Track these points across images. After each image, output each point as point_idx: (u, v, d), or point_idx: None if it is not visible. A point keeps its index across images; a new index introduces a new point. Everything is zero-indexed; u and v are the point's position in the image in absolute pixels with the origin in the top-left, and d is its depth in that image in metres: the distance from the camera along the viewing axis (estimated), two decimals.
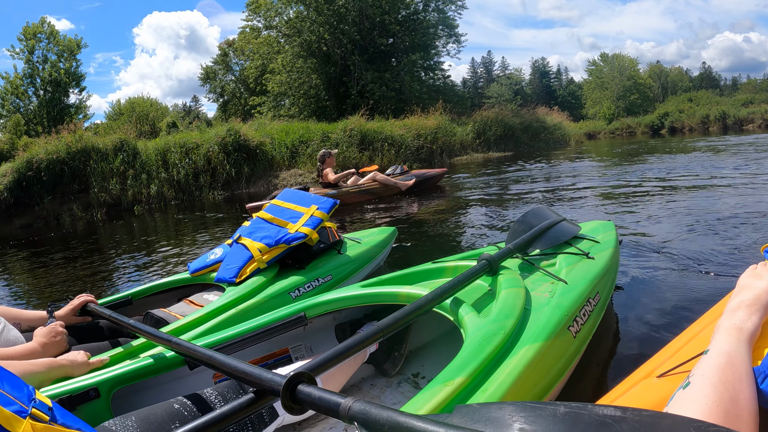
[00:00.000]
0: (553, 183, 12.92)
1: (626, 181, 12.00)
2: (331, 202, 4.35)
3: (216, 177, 20.09)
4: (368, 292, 2.94)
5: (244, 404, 1.58)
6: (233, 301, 3.47)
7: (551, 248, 3.33)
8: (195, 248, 8.82)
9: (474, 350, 2.02)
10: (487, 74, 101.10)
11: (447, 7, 38.32)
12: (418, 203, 11.23)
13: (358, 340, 1.93)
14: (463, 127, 28.31)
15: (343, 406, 1.26)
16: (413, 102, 32.47)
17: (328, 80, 35.87)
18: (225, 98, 56.04)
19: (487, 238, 6.98)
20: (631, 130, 63.69)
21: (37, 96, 41.79)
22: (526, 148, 31.30)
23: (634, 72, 79.40)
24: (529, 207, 8.49)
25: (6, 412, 1.15)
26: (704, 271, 4.62)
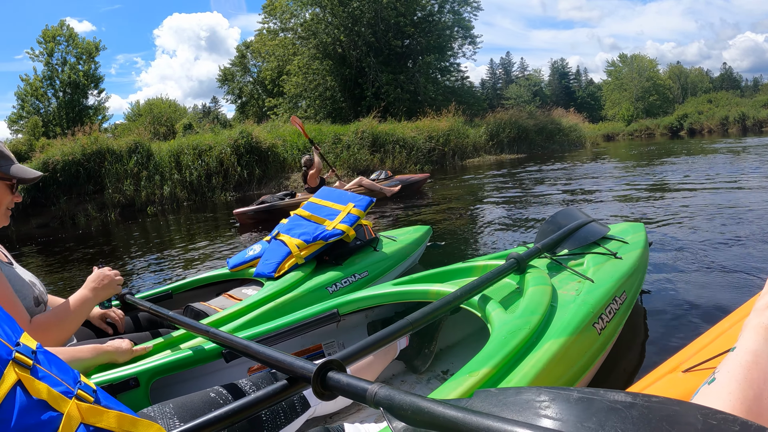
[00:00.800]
0: (575, 185, 12.91)
1: (648, 182, 12.02)
2: (367, 200, 4.41)
3: (228, 178, 20.33)
4: (400, 290, 3.00)
5: (278, 389, 1.64)
6: (272, 294, 3.54)
7: (579, 248, 3.38)
8: (211, 247, 8.99)
9: (499, 343, 2.08)
10: (506, 75, 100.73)
11: (462, 9, 38.39)
12: (447, 203, 11.29)
13: (388, 333, 1.97)
14: (476, 129, 28.36)
15: (370, 392, 1.31)
16: (428, 104, 32.64)
17: (344, 82, 36.05)
18: (243, 99, 56.40)
19: (516, 238, 7.06)
20: (649, 132, 63.33)
21: (57, 98, 42.32)
22: (540, 149, 31.26)
23: (653, 73, 78.93)
24: (554, 208, 8.49)
25: (54, 392, 1.21)
26: (732, 271, 4.65)
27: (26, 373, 1.20)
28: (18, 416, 1.12)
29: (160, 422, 1.80)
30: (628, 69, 79.81)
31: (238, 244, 9.07)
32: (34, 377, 1.21)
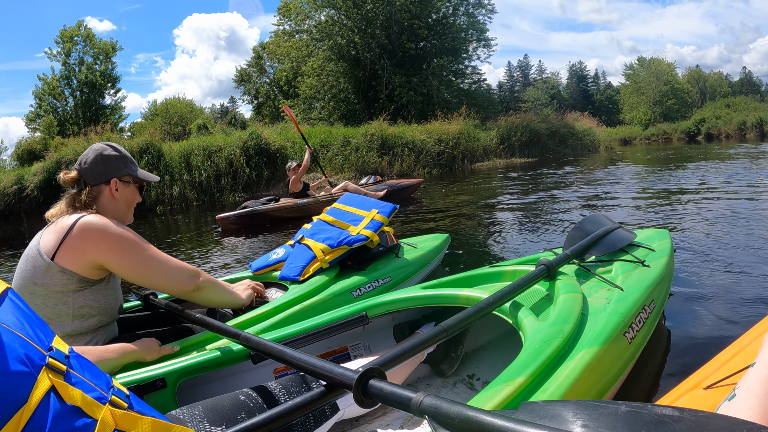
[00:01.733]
0: (592, 190, 12.75)
1: (667, 187, 11.96)
2: (391, 206, 4.44)
3: (237, 179, 20.49)
4: (429, 294, 2.99)
5: (316, 396, 1.65)
6: (297, 298, 3.55)
7: (607, 255, 3.38)
8: (216, 250, 9.06)
9: (534, 352, 2.07)
10: (524, 78, 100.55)
11: (477, 11, 38.44)
12: (463, 208, 11.28)
13: (424, 339, 1.98)
14: (487, 133, 28.30)
15: (415, 400, 1.31)
16: (441, 106, 32.62)
17: (357, 84, 36.17)
18: (259, 100, 56.68)
19: (535, 243, 7.05)
20: (667, 137, 62.90)
21: (74, 97, 42.77)
22: (552, 154, 31.16)
23: (671, 77, 78.31)
24: (572, 213, 8.53)
25: (88, 398, 1.23)
26: (755, 279, 4.64)
27: (60, 378, 1.21)
28: (52, 423, 1.13)
29: (190, 425, 1.82)
30: (646, 72, 79.31)
31: (223, 249, 9.12)
32: (68, 383, 1.22)
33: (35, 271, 2.37)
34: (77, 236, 2.37)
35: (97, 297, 2.50)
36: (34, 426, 1.09)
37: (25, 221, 17.17)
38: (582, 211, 9.27)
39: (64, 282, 2.37)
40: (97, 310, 2.51)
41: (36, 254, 2.39)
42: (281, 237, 9.58)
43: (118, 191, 2.67)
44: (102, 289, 2.52)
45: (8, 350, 1.13)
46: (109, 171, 2.65)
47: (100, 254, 2.41)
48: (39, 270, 2.36)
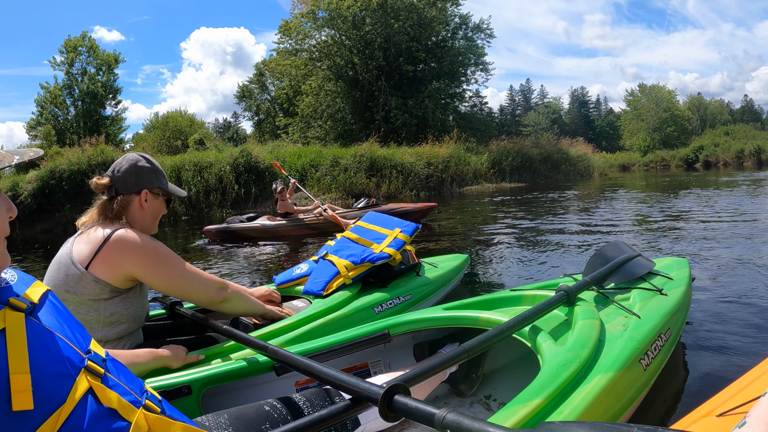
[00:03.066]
0: (590, 218, 12.81)
1: (669, 214, 12.01)
2: (413, 226, 4.53)
3: (226, 196, 20.78)
4: (451, 315, 3.03)
5: (341, 409, 1.69)
6: (321, 311, 3.61)
7: (626, 283, 3.39)
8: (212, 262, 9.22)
9: (551, 375, 2.11)
10: (526, 102, 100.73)
11: (476, 35, 38.72)
12: (472, 232, 11.36)
13: (447, 358, 2.02)
14: (478, 157, 28.38)
15: (438, 416, 1.35)
16: (437, 129, 32.83)
17: (355, 104, 36.37)
18: (260, 117, 56.95)
19: (546, 269, 7.04)
20: (665, 163, 62.94)
21: (75, 107, 43.00)
22: (544, 179, 31.15)
23: (671, 104, 78.44)
24: (570, 237, 8.70)
25: (123, 401, 1.28)
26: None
27: (98, 381, 1.26)
28: (89, 424, 1.18)
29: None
30: (647, 99, 79.48)
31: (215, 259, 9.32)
32: (105, 386, 1.28)
33: (68, 279, 2.46)
34: (113, 249, 2.48)
35: (127, 305, 2.61)
36: (71, 426, 1.15)
37: (17, 228, 17.40)
38: (585, 237, 9.32)
39: (96, 291, 2.48)
40: (126, 318, 2.63)
41: (69, 263, 2.48)
42: (259, 251, 10.11)
43: (147, 202, 2.77)
44: (132, 298, 2.64)
45: (49, 352, 1.20)
46: (142, 182, 2.74)
47: (136, 268, 2.54)
48: (72, 278, 2.45)
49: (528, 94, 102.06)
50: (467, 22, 38.46)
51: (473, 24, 38.57)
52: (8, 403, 1.07)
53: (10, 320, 1.17)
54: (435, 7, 36.38)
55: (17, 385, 1.09)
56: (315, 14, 35.77)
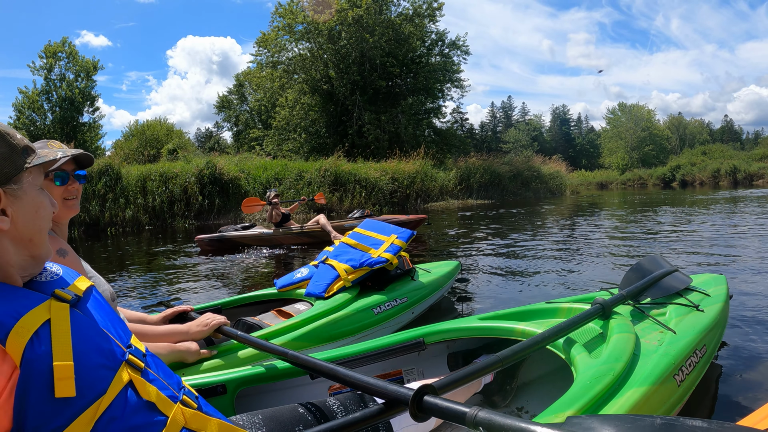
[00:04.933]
0: (557, 236, 12.63)
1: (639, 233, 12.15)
2: (409, 232, 4.72)
3: (190, 206, 20.93)
4: (486, 325, 3.04)
5: (375, 412, 1.68)
6: (323, 312, 3.82)
7: (662, 298, 3.34)
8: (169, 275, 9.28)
9: (584, 387, 2.10)
10: (507, 119, 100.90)
11: (453, 52, 38.98)
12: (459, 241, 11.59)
13: (481, 367, 2.00)
14: (446, 173, 28.50)
15: (470, 414, 1.36)
16: (410, 144, 32.92)
17: (329, 118, 36.43)
18: (239, 127, 57.02)
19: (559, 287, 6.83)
20: (642, 182, 63.44)
21: (52, 112, 42.79)
22: (512, 196, 31.16)
23: (650, 123, 79.01)
24: (534, 261, 8.68)
25: (162, 395, 1.32)
26: None
27: (137, 374, 1.30)
28: (127, 415, 1.22)
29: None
30: (626, 118, 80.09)
31: (202, 269, 9.46)
32: (145, 380, 1.32)
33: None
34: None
35: None
36: (110, 416, 1.19)
37: None
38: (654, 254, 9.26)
39: None
40: None
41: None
42: (253, 259, 10.27)
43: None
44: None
45: (92, 343, 1.24)
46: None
47: None
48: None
49: (509, 111, 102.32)
50: (444, 38, 38.65)
51: (449, 40, 38.80)
52: (51, 389, 1.12)
53: (55, 311, 1.22)
54: (412, 23, 36.52)
55: (60, 372, 1.14)
56: (292, 27, 35.88)
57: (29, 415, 1.10)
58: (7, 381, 1.10)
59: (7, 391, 1.09)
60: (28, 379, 1.11)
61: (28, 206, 1.27)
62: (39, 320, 1.18)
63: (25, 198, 1.27)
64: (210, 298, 6.66)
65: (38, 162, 1.30)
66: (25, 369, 1.11)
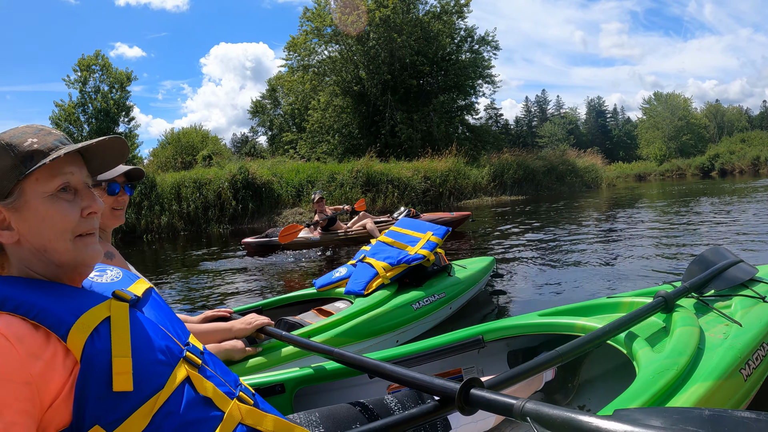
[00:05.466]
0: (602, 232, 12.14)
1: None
2: (444, 229, 4.83)
3: (224, 211, 21.12)
4: (545, 321, 3.03)
5: (430, 409, 1.67)
6: (363, 308, 3.94)
7: (727, 289, 3.22)
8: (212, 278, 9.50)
9: (647, 382, 2.06)
10: (541, 113, 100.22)
11: (482, 48, 38.72)
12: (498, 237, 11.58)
13: (540, 362, 2.00)
14: (479, 170, 28.33)
15: (517, 405, 1.36)
16: (443, 143, 32.76)
17: (362, 119, 36.50)
18: (273, 132, 57.41)
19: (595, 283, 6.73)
20: (681, 172, 62.47)
21: (89, 123, 43.51)
22: (547, 191, 30.86)
23: (687, 112, 77.75)
24: (580, 255, 8.59)
25: (218, 391, 1.37)
26: None
27: (195, 371, 1.36)
28: (184, 410, 1.26)
29: (307, 429, 1.83)
30: (662, 108, 78.90)
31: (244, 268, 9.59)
32: (202, 376, 1.37)
33: None
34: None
35: None
36: (167, 411, 1.23)
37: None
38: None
39: None
40: None
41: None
42: (294, 261, 10.49)
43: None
44: None
45: (153, 341, 1.30)
46: None
47: None
48: None
49: (544, 105, 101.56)
50: (473, 34, 38.40)
51: (478, 36, 38.53)
52: (109, 384, 1.17)
53: (115, 310, 1.28)
54: (440, 21, 36.31)
55: (119, 367, 1.19)
56: (321, 30, 36.02)
57: (88, 408, 1.14)
58: (69, 375, 1.15)
59: (68, 385, 1.14)
60: (88, 373, 1.16)
61: (32, 217, 1.28)
62: (99, 318, 1.24)
63: (26, 210, 1.27)
64: (251, 300, 6.81)
65: (30, 170, 1.26)
66: (85, 364, 1.16)
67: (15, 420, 1.04)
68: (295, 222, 18.80)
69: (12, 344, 1.10)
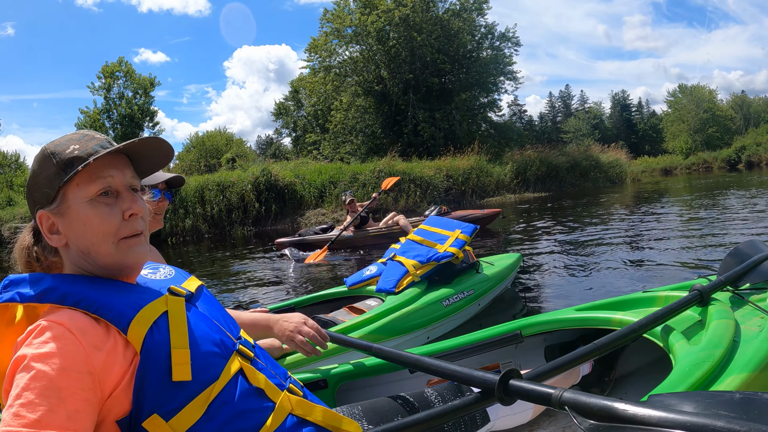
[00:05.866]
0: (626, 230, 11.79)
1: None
2: (472, 227, 4.91)
3: (247, 213, 21.29)
4: (582, 316, 3.04)
5: (471, 401, 1.67)
6: (395, 306, 4.02)
7: (762, 283, 3.14)
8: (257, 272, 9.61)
9: (683, 374, 2.08)
10: (566, 108, 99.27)
11: (503, 45, 38.53)
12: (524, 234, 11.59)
13: (578, 355, 2.02)
14: (502, 167, 28.22)
15: (555, 395, 1.38)
16: (465, 141, 32.67)
17: (384, 119, 36.54)
18: (297, 133, 57.60)
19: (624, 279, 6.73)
20: (707, 165, 61.47)
21: (114, 129, 44.05)
22: (571, 188, 30.65)
23: (712, 104, 76.71)
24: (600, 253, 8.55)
25: (270, 383, 1.43)
26: None
27: (248, 363, 1.42)
28: (238, 400, 1.32)
29: None
30: (687, 100, 77.99)
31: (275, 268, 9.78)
32: (255, 368, 1.43)
33: None
34: None
35: None
36: (221, 401, 1.29)
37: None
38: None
39: None
40: None
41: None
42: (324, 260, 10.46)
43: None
44: None
45: (207, 334, 1.36)
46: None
47: None
48: None
49: (568, 100, 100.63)
50: (493, 31, 38.19)
51: (499, 33, 38.33)
52: (169, 374, 1.23)
53: (172, 304, 1.35)
54: (460, 18, 36.18)
55: (178, 357, 1.25)
56: (341, 32, 36.13)
57: (147, 397, 1.20)
58: (129, 366, 1.22)
59: (128, 376, 1.21)
60: (148, 364, 1.22)
61: (75, 222, 1.33)
62: (158, 311, 1.30)
63: (69, 215, 1.33)
64: (281, 300, 6.84)
65: (70, 175, 1.30)
66: (145, 355, 1.23)
67: (78, 408, 1.10)
68: (318, 222, 18.91)
69: (76, 336, 1.16)
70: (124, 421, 1.21)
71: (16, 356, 1.15)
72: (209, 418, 1.26)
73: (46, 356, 1.12)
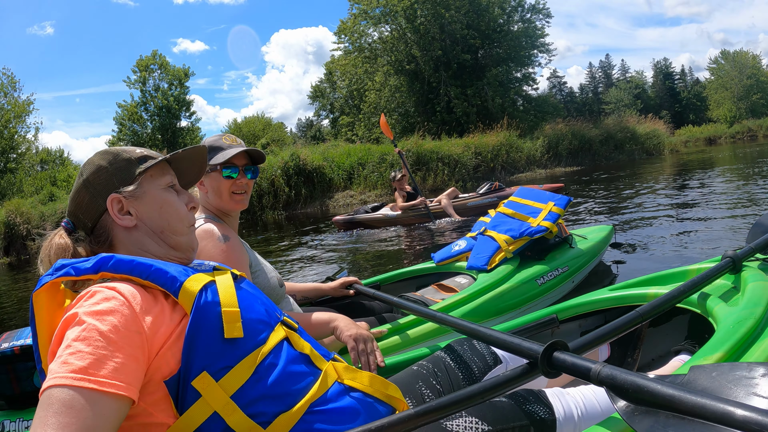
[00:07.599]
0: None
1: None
2: (566, 199, 4.52)
3: (277, 198, 21.60)
4: (617, 295, 3.04)
5: (519, 372, 1.63)
6: (488, 285, 3.81)
7: None
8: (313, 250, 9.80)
9: (728, 332, 2.09)
10: (607, 78, 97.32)
11: (534, 17, 38.01)
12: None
13: (621, 323, 2.03)
14: (533, 142, 27.82)
15: (594, 370, 1.39)
16: (499, 116, 32.17)
17: (417, 97, 36.50)
18: (335, 114, 57.84)
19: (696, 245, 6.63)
20: (752, 134, 59.53)
21: (152, 121, 44.84)
22: (605, 161, 30.10)
23: (756, 69, 74.64)
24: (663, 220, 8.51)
25: (315, 351, 1.49)
26: None
27: (293, 332, 1.49)
28: (285, 364, 1.37)
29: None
30: (730, 66, 76.01)
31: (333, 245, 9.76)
32: (300, 336, 1.51)
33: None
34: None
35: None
36: (269, 363, 1.34)
37: None
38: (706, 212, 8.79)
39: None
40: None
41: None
42: (386, 236, 10.77)
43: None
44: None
45: (253, 305, 1.43)
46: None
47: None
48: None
49: (608, 70, 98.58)
50: (523, 4, 37.67)
51: (529, 5, 37.80)
52: (221, 332, 1.29)
53: (219, 275, 1.46)
54: None
55: (229, 316, 1.32)
56: (368, 13, 36.13)
57: (198, 356, 1.26)
58: (176, 326, 1.28)
59: (175, 335, 1.27)
60: (199, 323, 1.29)
61: (152, 203, 1.53)
62: (206, 279, 1.39)
63: (145, 198, 1.53)
64: (366, 276, 6.80)
65: (148, 165, 1.54)
66: (196, 314, 1.29)
67: (126, 362, 1.15)
68: (346, 204, 19.06)
69: (126, 298, 1.24)
70: (171, 382, 1.25)
71: (67, 315, 1.22)
72: (258, 378, 1.31)
73: (97, 313, 1.19)
